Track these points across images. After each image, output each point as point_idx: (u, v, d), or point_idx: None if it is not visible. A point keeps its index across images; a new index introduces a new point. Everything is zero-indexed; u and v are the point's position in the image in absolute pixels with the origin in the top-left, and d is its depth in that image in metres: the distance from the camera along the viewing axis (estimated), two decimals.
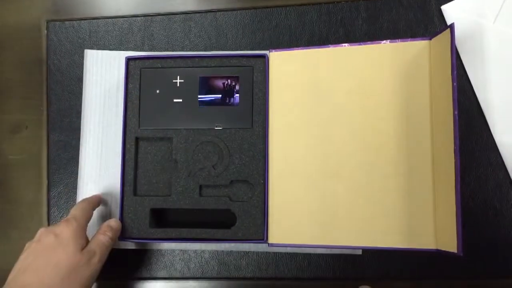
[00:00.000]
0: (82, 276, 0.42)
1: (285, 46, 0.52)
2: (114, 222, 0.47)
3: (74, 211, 0.45)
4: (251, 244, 0.50)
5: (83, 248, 0.43)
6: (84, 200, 0.48)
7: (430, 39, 0.44)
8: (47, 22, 0.55)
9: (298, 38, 0.53)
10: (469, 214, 0.49)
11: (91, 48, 0.54)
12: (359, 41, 0.50)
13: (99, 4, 0.56)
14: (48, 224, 0.53)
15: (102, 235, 0.45)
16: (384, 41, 0.46)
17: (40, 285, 0.40)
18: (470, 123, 0.50)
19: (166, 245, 0.51)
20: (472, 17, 0.50)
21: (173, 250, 0.51)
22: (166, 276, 0.51)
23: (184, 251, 0.51)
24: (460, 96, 0.50)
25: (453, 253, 0.39)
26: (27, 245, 0.44)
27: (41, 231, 0.44)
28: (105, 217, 0.52)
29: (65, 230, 0.43)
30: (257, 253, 0.51)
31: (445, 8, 0.51)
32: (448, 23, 0.51)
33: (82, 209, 0.46)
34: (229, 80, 0.49)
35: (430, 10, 0.52)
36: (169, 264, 0.51)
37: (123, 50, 0.54)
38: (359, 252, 0.49)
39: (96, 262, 0.43)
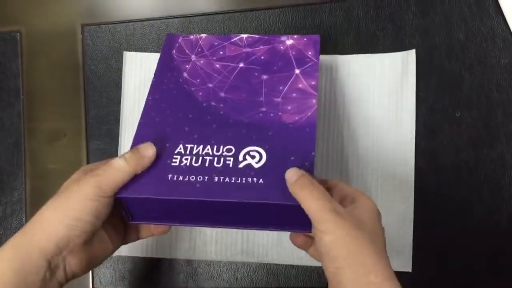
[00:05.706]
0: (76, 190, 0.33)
1: (331, 45, 0.50)
2: (143, 147, 0.35)
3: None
4: None
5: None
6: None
7: None
8: (82, 27, 0.54)
9: (344, 36, 0.50)
10: None
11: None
12: (410, 38, 0.48)
13: (134, 7, 0.54)
14: None
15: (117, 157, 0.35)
16: None
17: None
18: None
19: (213, 255, 0.49)
20: None
21: (220, 260, 0.49)
22: (213, 286, 0.49)
23: (230, 261, 0.49)
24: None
25: None
26: None
27: None
28: None
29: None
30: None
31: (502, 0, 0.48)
32: (506, 15, 0.48)
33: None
34: None
35: (486, 2, 0.49)
36: (216, 275, 0.49)
37: None
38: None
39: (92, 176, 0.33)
